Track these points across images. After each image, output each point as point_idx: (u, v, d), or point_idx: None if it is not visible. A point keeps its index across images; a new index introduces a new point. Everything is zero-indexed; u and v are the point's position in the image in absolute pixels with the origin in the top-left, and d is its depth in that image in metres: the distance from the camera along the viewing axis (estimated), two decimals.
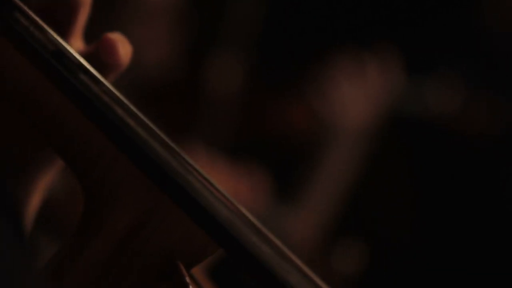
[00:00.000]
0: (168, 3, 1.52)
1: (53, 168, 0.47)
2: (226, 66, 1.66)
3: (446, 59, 2.13)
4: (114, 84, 0.43)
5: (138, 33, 1.46)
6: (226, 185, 1.70)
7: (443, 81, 2.06)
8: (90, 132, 0.40)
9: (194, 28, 1.62)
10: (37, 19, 0.41)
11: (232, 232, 0.41)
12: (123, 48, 0.44)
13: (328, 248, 1.82)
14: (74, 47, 0.43)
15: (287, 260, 0.42)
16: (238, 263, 0.42)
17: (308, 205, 1.70)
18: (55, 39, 0.40)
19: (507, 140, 2.20)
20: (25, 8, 0.41)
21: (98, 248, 0.40)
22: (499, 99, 2.15)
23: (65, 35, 0.44)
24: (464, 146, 2.21)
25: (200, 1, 1.68)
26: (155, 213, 0.41)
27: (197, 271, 0.43)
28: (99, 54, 0.43)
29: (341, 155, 1.77)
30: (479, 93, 2.12)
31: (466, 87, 2.10)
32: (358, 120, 1.78)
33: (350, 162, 1.79)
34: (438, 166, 2.28)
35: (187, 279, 0.39)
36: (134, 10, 1.46)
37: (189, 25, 1.59)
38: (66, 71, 0.41)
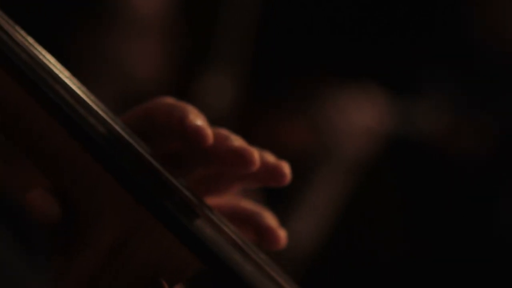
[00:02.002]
0: (160, 17, 1.52)
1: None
2: (218, 81, 1.67)
3: (433, 80, 2.15)
4: (99, 101, 0.43)
5: (129, 47, 1.46)
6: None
7: (430, 102, 2.08)
8: (74, 151, 0.40)
9: (186, 42, 1.63)
10: (24, 38, 0.41)
11: (215, 250, 0.41)
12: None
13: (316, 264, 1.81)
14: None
15: (270, 279, 0.42)
16: (221, 281, 0.42)
17: (298, 223, 1.71)
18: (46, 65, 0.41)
19: (495, 159, 2.21)
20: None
21: (82, 267, 0.40)
22: (486, 119, 2.16)
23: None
24: (452, 165, 2.22)
25: (193, 15, 1.68)
26: (138, 230, 0.41)
27: None
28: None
29: (334, 177, 1.78)
30: (466, 113, 2.14)
31: (453, 107, 2.12)
32: (356, 146, 1.80)
33: (342, 184, 1.80)
34: (427, 185, 2.29)
35: None
36: (125, 24, 1.46)
37: (181, 39, 1.59)
38: (50, 91, 0.41)
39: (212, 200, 0.46)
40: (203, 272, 0.42)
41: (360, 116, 1.81)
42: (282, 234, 0.47)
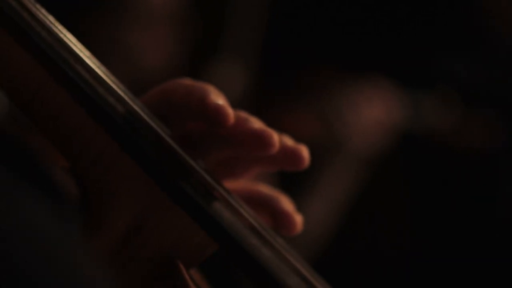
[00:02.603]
0: (170, 7, 1.52)
1: None
2: (229, 70, 1.66)
3: (442, 75, 2.14)
4: (118, 80, 0.43)
5: (140, 36, 1.46)
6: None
7: (439, 96, 2.07)
8: (91, 131, 0.40)
9: (196, 32, 1.62)
10: (45, 17, 0.40)
11: (233, 233, 0.41)
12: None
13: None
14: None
15: (286, 263, 0.42)
16: (237, 264, 0.41)
17: (309, 214, 1.70)
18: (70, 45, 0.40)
19: (503, 155, 2.20)
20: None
21: (98, 247, 0.40)
22: (495, 115, 2.16)
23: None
24: (460, 161, 2.21)
25: (203, 4, 1.68)
26: (154, 212, 0.40)
27: (195, 271, 0.42)
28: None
29: (343, 170, 1.77)
30: (475, 109, 2.13)
31: (463, 102, 2.11)
32: (366, 139, 1.80)
33: (351, 177, 1.80)
34: (435, 180, 2.28)
35: (187, 279, 0.39)
36: (136, 14, 1.46)
37: (191, 30, 1.59)
38: (71, 71, 0.41)
39: (229, 184, 0.46)
40: (219, 255, 0.42)
41: (370, 110, 1.81)
42: (298, 219, 0.47)
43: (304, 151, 0.45)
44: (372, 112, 1.80)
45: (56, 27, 0.42)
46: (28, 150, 0.32)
